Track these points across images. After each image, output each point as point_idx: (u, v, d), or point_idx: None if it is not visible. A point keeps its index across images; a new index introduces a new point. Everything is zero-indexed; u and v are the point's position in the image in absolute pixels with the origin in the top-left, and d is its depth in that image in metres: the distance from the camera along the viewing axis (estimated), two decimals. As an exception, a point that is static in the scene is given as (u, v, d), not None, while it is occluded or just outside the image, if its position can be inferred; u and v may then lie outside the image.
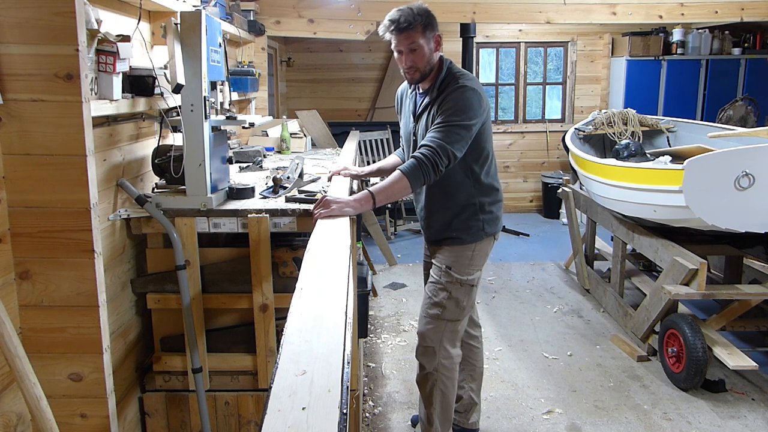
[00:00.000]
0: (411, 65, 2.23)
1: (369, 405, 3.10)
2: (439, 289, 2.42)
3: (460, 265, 2.39)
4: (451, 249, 2.42)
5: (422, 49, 2.20)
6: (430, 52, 2.23)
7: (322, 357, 0.99)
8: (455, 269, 2.39)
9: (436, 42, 2.26)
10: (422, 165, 2.11)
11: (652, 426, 2.90)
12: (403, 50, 2.22)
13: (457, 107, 2.17)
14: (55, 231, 1.83)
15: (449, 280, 2.40)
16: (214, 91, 2.62)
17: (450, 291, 2.39)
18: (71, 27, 1.71)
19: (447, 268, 2.40)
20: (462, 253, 2.40)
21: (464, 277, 2.40)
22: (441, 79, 2.26)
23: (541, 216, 7.42)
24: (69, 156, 1.79)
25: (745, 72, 6.94)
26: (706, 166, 2.97)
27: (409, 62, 2.22)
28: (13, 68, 1.73)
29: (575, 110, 7.60)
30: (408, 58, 2.22)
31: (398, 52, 2.25)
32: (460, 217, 2.38)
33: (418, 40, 2.19)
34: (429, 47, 2.22)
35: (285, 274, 2.50)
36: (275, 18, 5.18)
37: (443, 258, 2.43)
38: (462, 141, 2.17)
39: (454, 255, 2.41)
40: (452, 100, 2.19)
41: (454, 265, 2.40)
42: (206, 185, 2.37)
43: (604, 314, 4.26)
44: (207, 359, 2.52)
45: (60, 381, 1.90)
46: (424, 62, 2.23)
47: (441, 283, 2.42)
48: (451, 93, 2.20)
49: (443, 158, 2.13)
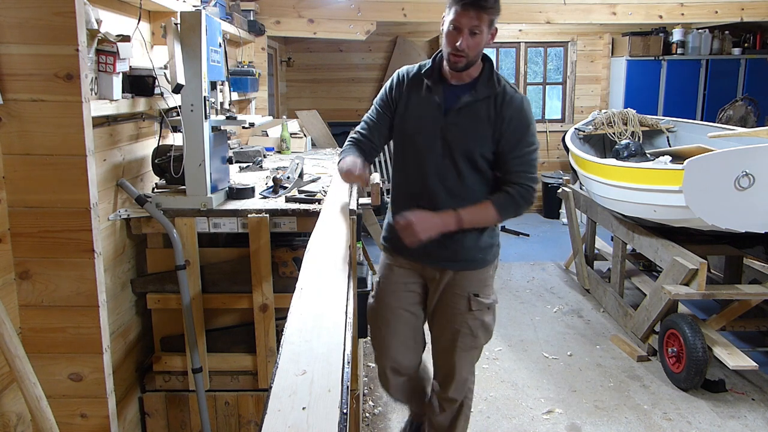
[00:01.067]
0: (464, 49, 1.90)
1: (369, 405, 3.10)
2: (470, 320, 2.15)
3: (485, 288, 2.16)
4: (475, 273, 2.15)
5: (482, 36, 1.91)
6: (485, 44, 1.95)
7: (322, 357, 0.99)
8: (482, 294, 2.15)
9: (493, 36, 1.98)
10: (516, 204, 1.98)
11: (652, 426, 2.90)
12: (464, 29, 1.88)
13: (531, 128, 2.01)
14: (55, 231, 1.83)
15: (478, 308, 2.14)
16: (214, 91, 2.62)
17: (481, 318, 2.16)
18: (71, 27, 1.71)
19: (474, 296, 2.13)
20: (485, 275, 2.17)
21: (490, 300, 2.17)
22: (487, 77, 2.02)
23: (541, 216, 7.41)
24: (69, 156, 1.79)
25: (745, 72, 6.94)
26: (706, 166, 2.97)
27: (464, 45, 1.89)
28: (13, 68, 1.73)
29: (575, 110, 7.60)
30: (465, 40, 1.89)
31: (455, 28, 1.90)
32: (485, 236, 2.14)
33: (483, 25, 1.89)
34: (487, 37, 1.94)
35: (285, 274, 2.50)
36: (275, 18, 5.18)
37: (466, 285, 2.14)
38: (536, 164, 2.06)
39: (479, 279, 2.15)
40: (525, 119, 2.00)
41: (481, 290, 2.15)
42: (206, 185, 2.37)
43: (604, 314, 4.26)
44: (207, 359, 2.52)
45: (60, 381, 1.90)
46: (477, 51, 1.94)
47: (472, 313, 2.14)
48: (521, 110, 2.00)
49: (532, 192, 2.01)
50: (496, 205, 1.99)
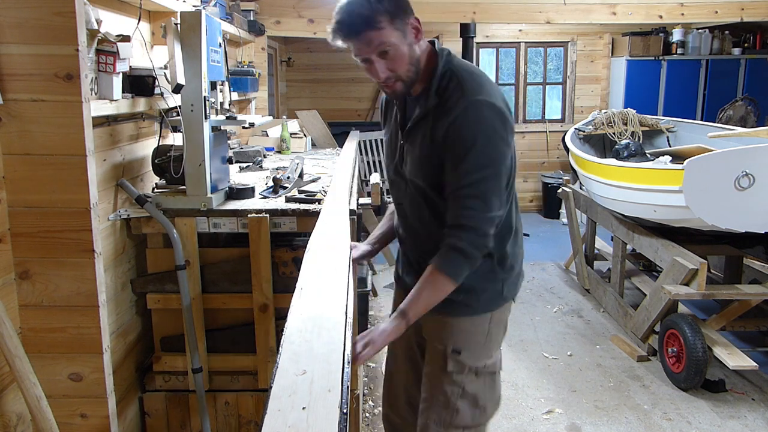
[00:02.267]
0: (388, 75, 1.50)
1: (369, 405, 3.10)
2: (446, 385, 1.66)
3: (473, 345, 1.66)
4: (457, 322, 1.65)
5: (397, 49, 1.47)
6: (410, 48, 1.49)
7: (322, 357, 0.99)
8: (467, 352, 1.65)
9: (415, 29, 1.52)
10: (470, 259, 1.50)
11: (652, 426, 2.90)
12: (370, 57, 1.49)
13: (479, 148, 1.45)
14: (55, 231, 1.83)
15: (456, 370, 1.65)
16: (214, 91, 2.62)
17: (463, 385, 1.66)
18: (71, 27, 1.71)
19: (454, 352, 1.65)
20: (474, 327, 1.66)
21: (480, 363, 1.67)
22: (439, 77, 1.54)
23: (541, 216, 7.41)
24: (69, 156, 1.79)
25: (745, 72, 6.94)
26: (706, 166, 2.97)
27: (384, 72, 1.49)
28: (13, 68, 1.73)
29: (575, 110, 7.60)
30: (381, 68, 1.49)
31: (363, 61, 1.52)
32: (472, 274, 1.56)
33: (386, 39, 1.45)
34: (406, 41, 1.48)
35: (285, 274, 2.50)
36: (275, 18, 5.18)
37: (446, 336, 1.66)
38: (500, 195, 1.51)
39: (463, 331, 1.66)
40: (468, 134, 1.45)
41: (466, 346, 1.65)
42: (206, 185, 2.37)
43: (604, 314, 4.26)
44: (207, 359, 2.52)
45: (60, 381, 1.90)
46: (405, 65, 1.49)
47: (448, 375, 1.66)
48: (463, 118, 1.46)
49: (487, 236, 1.50)
50: (446, 270, 1.50)
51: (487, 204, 1.48)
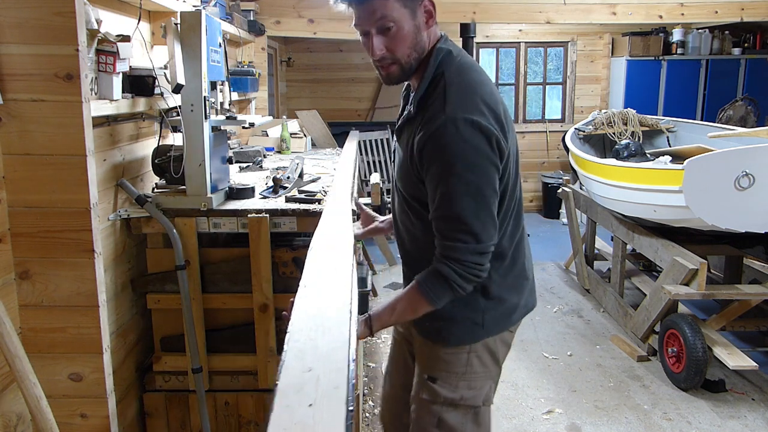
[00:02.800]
0: (384, 55, 1.36)
1: (369, 405, 3.10)
2: (421, 410, 1.56)
3: (450, 375, 1.53)
4: (435, 349, 1.54)
5: (400, 27, 1.34)
6: (416, 31, 1.36)
7: (327, 354, 0.99)
8: (442, 382, 1.52)
9: (427, 13, 1.38)
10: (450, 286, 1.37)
11: (652, 426, 2.90)
12: (369, 30, 1.36)
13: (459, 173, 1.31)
14: (55, 231, 1.83)
15: (432, 399, 1.53)
16: (214, 91, 2.62)
17: (438, 415, 1.53)
18: (71, 27, 1.71)
19: (429, 380, 1.53)
20: (451, 357, 1.53)
21: (456, 395, 1.52)
22: (429, 80, 1.40)
23: (541, 216, 7.41)
24: (69, 156, 1.79)
25: (745, 72, 6.95)
26: (706, 166, 2.97)
27: (381, 50, 1.35)
28: (13, 68, 1.73)
29: (575, 110, 7.60)
30: (378, 45, 1.35)
31: (362, 34, 1.39)
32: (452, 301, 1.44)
33: (390, 13, 1.32)
34: (413, 23, 1.35)
35: (285, 274, 2.50)
36: (275, 18, 5.18)
37: (424, 361, 1.57)
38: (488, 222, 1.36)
39: (439, 359, 1.53)
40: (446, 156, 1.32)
41: (441, 375, 1.53)
42: (206, 185, 2.37)
43: (604, 314, 4.26)
44: (207, 359, 2.52)
45: (60, 381, 1.90)
46: (406, 48, 1.36)
47: (423, 403, 1.55)
48: (439, 137, 1.32)
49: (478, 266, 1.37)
50: (425, 292, 1.38)
51: (474, 235, 1.34)
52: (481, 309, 1.50)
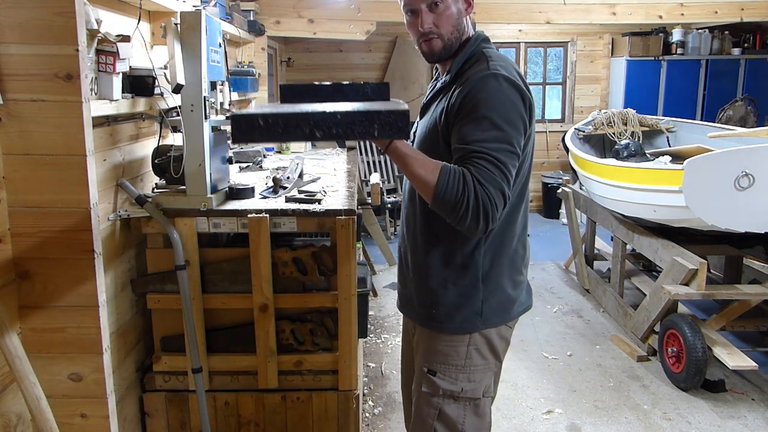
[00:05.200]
0: (430, 27, 1.47)
1: (369, 405, 3.10)
2: (423, 403, 1.59)
3: (449, 368, 1.56)
4: (435, 341, 1.57)
5: (447, 6, 1.46)
6: (459, 14, 1.49)
7: None
8: (441, 374, 1.56)
9: (466, 2, 1.52)
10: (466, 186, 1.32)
11: (652, 426, 2.90)
12: (419, 8, 1.46)
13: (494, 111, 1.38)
14: (55, 231, 1.83)
15: (432, 392, 1.57)
16: (214, 91, 2.62)
17: (439, 408, 1.56)
18: (71, 27, 1.71)
19: (429, 373, 1.57)
20: (450, 349, 1.56)
21: (456, 387, 1.55)
22: (467, 56, 1.52)
23: (541, 216, 7.42)
24: (69, 156, 1.79)
25: (745, 72, 6.95)
26: (706, 166, 2.97)
27: (428, 22, 1.46)
28: (13, 68, 1.73)
29: (575, 110, 7.60)
30: (427, 19, 1.46)
31: (410, 12, 1.49)
32: (450, 285, 1.53)
33: None
34: (457, 6, 1.49)
35: (285, 274, 2.50)
36: (275, 18, 5.18)
37: (423, 352, 1.60)
38: (511, 171, 1.40)
39: (438, 352, 1.56)
40: (483, 98, 1.39)
41: (440, 368, 1.56)
42: (206, 185, 2.37)
43: (604, 314, 4.26)
44: (207, 359, 2.52)
45: (60, 381, 1.90)
46: (450, 26, 1.48)
47: (424, 396, 1.58)
48: (481, 85, 1.41)
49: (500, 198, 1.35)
50: (444, 173, 1.33)
51: (501, 169, 1.34)
52: (480, 297, 1.53)
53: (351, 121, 0.94)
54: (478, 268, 1.53)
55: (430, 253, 1.55)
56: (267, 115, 0.95)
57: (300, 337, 2.54)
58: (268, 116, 0.94)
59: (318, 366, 2.55)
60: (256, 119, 0.94)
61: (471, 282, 1.51)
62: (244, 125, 0.95)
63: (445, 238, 1.52)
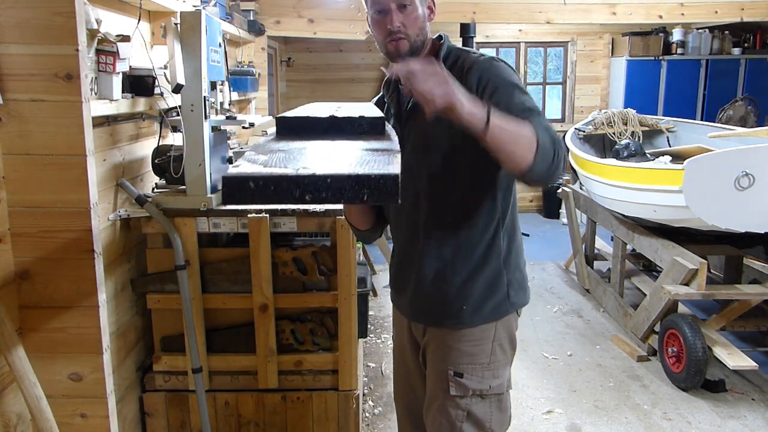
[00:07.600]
0: (399, 27, 1.48)
1: (369, 405, 3.10)
2: (450, 407, 1.56)
3: (476, 368, 1.56)
4: (455, 337, 1.57)
5: (415, 8, 1.49)
6: (424, 18, 1.53)
7: None
8: (469, 375, 1.55)
9: (429, 8, 1.56)
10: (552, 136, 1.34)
11: (652, 426, 2.90)
12: (389, 6, 1.48)
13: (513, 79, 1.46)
14: (55, 231, 1.83)
15: (461, 394, 1.56)
16: (214, 91, 2.62)
17: (468, 409, 1.56)
18: (71, 27, 1.71)
19: (456, 375, 1.55)
20: (477, 346, 1.56)
21: (484, 386, 1.56)
22: (444, 55, 1.56)
23: (541, 216, 7.41)
24: (69, 156, 1.78)
25: (745, 72, 6.95)
26: (706, 166, 2.97)
27: (397, 21, 1.48)
28: (13, 68, 1.73)
29: (575, 110, 7.60)
30: (395, 16, 1.48)
31: (379, 12, 1.50)
32: (475, 279, 1.54)
33: None
34: (422, 9, 1.53)
35: (285, 274, 2.50)
36: (275, 18, 5.18)
37: (444, 355, 1.58)
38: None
39: (464, 354, 1.56)
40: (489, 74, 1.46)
41: (467, 369, 1.56)
42: (206, 185, 2.37)
43: (604, 314, 4.26)
44: (207, 359, 2.52)
45: (60, 381, 1.90)
46: (417, 28, 1.50)
47: (453, 400, 1.56)
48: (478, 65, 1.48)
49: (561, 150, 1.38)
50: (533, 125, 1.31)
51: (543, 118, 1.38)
52: (505, 281, 1.58)
53: (341, 186, 0.95)
54: (500, 253, 1.57)
55: (448, 252, 1.56)
56: (258, 177, 0.96)
57: (300, 337, 2.55)
58: (259, 178, 0.96)
59: (318, 366, 2.55)
60: (247, 182, 0.96)
61: (496, 267, 1.56)
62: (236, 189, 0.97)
63: (460, 233, 1.54)
